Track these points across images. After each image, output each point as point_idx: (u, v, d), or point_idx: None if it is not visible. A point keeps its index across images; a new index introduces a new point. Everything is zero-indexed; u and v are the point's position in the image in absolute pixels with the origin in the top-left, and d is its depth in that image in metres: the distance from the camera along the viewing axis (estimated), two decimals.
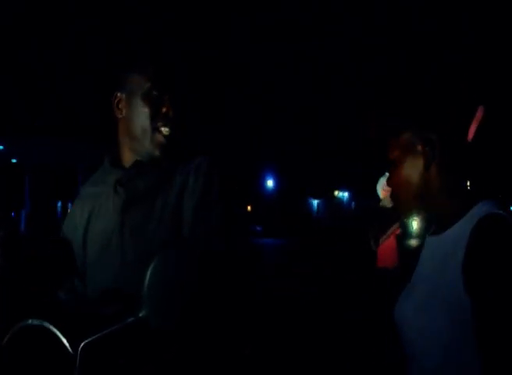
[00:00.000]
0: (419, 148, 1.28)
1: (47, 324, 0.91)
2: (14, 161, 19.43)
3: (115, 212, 1.37)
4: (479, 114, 1.28)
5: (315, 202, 26.42)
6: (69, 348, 0.90)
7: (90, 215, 1.44)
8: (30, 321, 0.92)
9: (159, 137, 1.38)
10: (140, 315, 0.92)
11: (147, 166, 1.40)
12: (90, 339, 0.90)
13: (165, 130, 1.38)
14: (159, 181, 1.37)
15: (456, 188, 1.28)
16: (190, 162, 1.38)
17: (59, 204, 19.68)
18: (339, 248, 14.42)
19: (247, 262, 1.26)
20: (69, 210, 1.60)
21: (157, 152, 1.38)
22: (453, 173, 1.29)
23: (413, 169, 1.30)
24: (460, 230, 1.20)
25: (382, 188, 4.19)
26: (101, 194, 1.43)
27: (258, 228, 23.49)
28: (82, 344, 0.89)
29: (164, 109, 1.38)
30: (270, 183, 20.15)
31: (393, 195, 1.35)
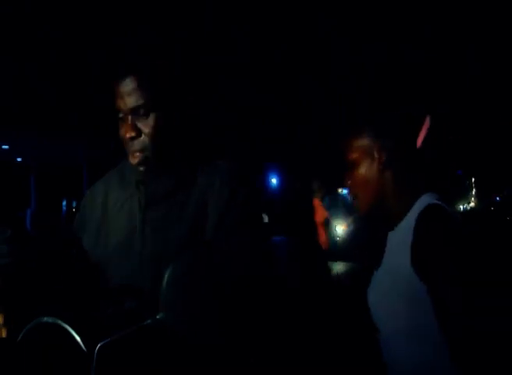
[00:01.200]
0: (375, 153, 1.45)
1: (60, 322, 0.92)
2: (19, 160, 19.52)
3: (137, 211, 1.34)
4: (426, 123, 1.46)
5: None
6: (83, 346, 0.90)
7: (108, 212, 1.41)
8: (44, 319, 0.93)
9: (133, 161, 1.31)
10: (158, 317, 0.93)
11: (166, 167, 1.34)
12: (106, 340, 0.91)
13: (135, 156, 1.30)
14: (180, 181, 1.32)
15: (406, 188, 1.46)
16: (214, 165, 1.33)
17: (64, 202, 19.76)
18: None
19: (267, 268, 1.25)
20: (79, 206, 1.56)
21: (139, 170, 1.32)
22: (404, 174, 1.46)
23: (369, 172, 1.47)
24: (408, 220, 1.39)
25: None
26: (123, 192, 1.40)
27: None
28: (98, 346, 0.90)
29: (124, 133, 1.28)
30: (274, 181, 20.06)
31: (353, 194, 1.52)
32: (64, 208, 19.64)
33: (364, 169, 1.49)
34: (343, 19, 11.40)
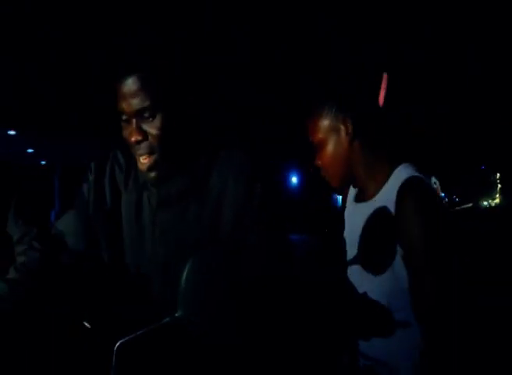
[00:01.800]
0: (341, 126, 1.45)
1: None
2: (43, 163, 20.15)
3: (148, 212, 1.32)
4: (384, 82, 1.46)
5: (340, 197, 26.61)
6: (101, 342, 0.91)
7: (117, 213, 1.38)
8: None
9: (143, 166, 1.27)
10: (177, 315, 0.93)
11: (177, 168, 1.32)
12: (126, 339, 0.91)
13: (142, 158, 1.26)
14: (193, 181, 1.30)
15: (377, 158, 1.46)
16: (226, 161, 1.31)
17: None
18: None
19: (286, 267, 1.24)
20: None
21: (150, 176, 1.28)
22: (373, 144, 1.46)
23: (338, 146, 1.47)
24: (388, 192, 1.39)
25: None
26: (133, 192, 1.38)
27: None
28: (118, 344, 0.90)
29: (129, 136, 1.25)
30: (294, 180, 20.03)
31: (324, 172, 1.51)
32: None
33: (333, 146, 1.49)
34: (343, 19, 11.40)
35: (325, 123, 1.49)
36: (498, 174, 30.10)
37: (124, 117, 1.25)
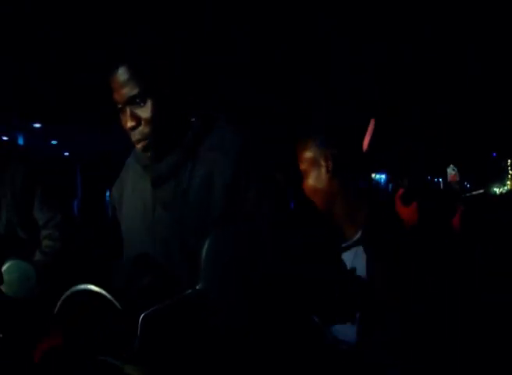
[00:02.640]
0: (322, 162, 1.51)
1: (94, 287, 0.93)
2: (66, 154, 21.33)
3: (148, 191, 1.38)
4: (371, 127, 1.51)
5: None
6: (117, 304, 0.91)
7: (125, 195, 1.46)
8: (88, 286, 0.94)
9: (139, 149, 1.36)
10: (197, 287, 0.94)
11: (169, 147, 1.36)
12: (149, 310, 0.92)
13: (138, 145, 1.34)
14: (183, 156, 1.34)
15: (354, 191, 1.52)
16: (216, 135, 1.34)
17: (108, 193, 20.58)
18: None
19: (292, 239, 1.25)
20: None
21: (146, 156, 1.35)
22: (351, 179, 1.52)
23: (318, 181, 1.52)
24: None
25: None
26: (137, 174, 1.44)
27: None
28: (142, 316, 0.91)
29: (125, 124, 1.32)
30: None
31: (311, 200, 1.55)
32: (107, 198, 20.50)
33: (314, 179, 1.54)
34: (343, 19, 11.43)
35: (308, 154, 1.54)
36: (509, 161, 30.15)
37: (119, 106, 1.33)
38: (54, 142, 18.64)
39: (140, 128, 1.30)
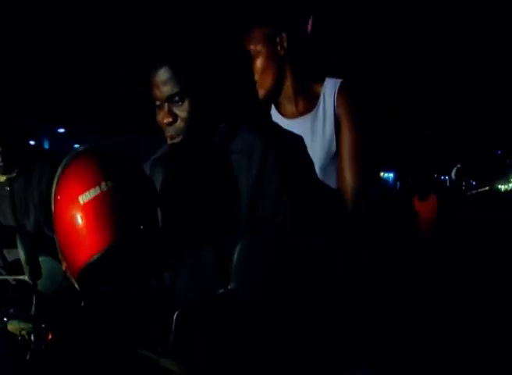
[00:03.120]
0: (277, 40, 1.59)
1: None
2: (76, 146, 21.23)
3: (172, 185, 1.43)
4: (311, 18, 1.65)
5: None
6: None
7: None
8: None
9: (169, 142, 1.40)
10: (229, 287, 0.99)
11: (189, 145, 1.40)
12: (184, 308, 0.98)
13: (171, 139, 1.38)
14: (206, 156, 1.40)
15: (307, 76, 1.62)
16: (241, 141, 1.38)
17: None
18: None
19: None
20: None
21: (175, 147, 1.40)
22: (303, 65, 1.61)
23: (271, 59, 1.59)
24: (327, 103, 1.58)
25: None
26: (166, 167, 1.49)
27: None
28: (176, 313, 0.97)
29: (161, 119, 1.37)
30: None
31: (259, 84, 1.61)
32: None
33: (266, 57, 1.60)
34: (343, 19, 11.45)
35: (263, 33, 1.61)
36: None
37: (158, 103, 1.38)
38: (76, 146, 18.96)
39: (176, 124, 1.36)
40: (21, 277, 1.26)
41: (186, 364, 0.98)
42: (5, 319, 1.27)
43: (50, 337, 1.18)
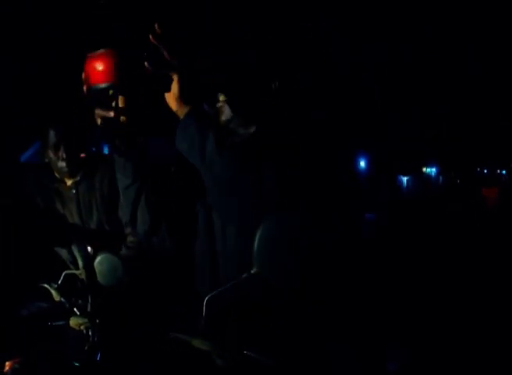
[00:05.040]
0: None
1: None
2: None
3: None
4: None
5: (405, 179, 26.22)
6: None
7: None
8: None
9: None
10: (252, 272, 1.07)
11: None
12: (213, 293, 1.06)
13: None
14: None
15: None
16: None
17: None
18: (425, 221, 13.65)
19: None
20: None
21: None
22: None
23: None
24: None
25: None
26: None
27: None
28: (207, 298, 1.05)
29: None
30: (362, 163, 20.12)
31: None
32: None
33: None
34: (343, 19, 11.50)
35: None
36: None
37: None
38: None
39: None
40: None
41: (217, 343, 1.06)
42: (75, 309, 1.40)
43: (103, 330, 1.29)
